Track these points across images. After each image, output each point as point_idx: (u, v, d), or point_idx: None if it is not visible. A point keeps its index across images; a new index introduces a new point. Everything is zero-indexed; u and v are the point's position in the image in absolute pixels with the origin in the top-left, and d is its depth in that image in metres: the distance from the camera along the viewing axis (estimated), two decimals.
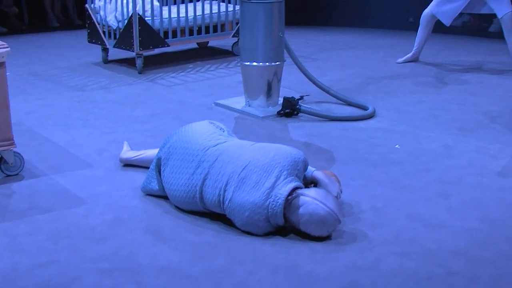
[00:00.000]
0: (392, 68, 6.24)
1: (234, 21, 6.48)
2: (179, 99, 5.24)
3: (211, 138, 3.25)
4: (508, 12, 5.91)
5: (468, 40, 7.54)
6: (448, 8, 6.12)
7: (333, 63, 6.47)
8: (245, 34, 4.78)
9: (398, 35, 7.78)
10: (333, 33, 8.00)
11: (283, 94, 4.91)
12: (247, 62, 4.80)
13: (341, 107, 5.01)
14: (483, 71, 6.14)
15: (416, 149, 4.15)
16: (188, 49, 6.98)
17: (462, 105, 5.09)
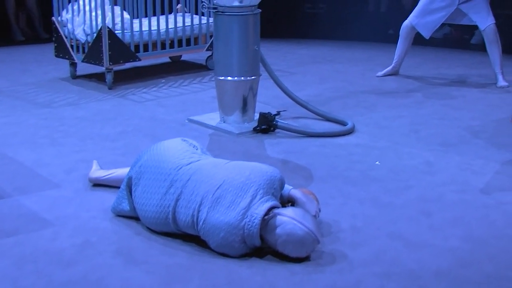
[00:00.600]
0: (372, 82, 6.29)
1: (208, 34, 6.51)
2: (151, 116, 5.23)
3: (184, 157, 3.26)
4: (490, 24, 6.00)
5: (449, 52, 7.64)
6: (428, 20, 6.21)
7: (311, 77, 6.51)
8: (219, 47, 4.80)
9: (377, 48, 7.86)
10: (311, 46, 8.06)
11: (259, 109, 4.93)
12: (221, 77, 4.81)
13: (319, 122, 5.04)
14: (465, 85, 6.22)
15: (396, 166, 4.19)
16: (160, 64, 6.99)
17: (443, 119, 5.15)
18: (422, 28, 6.24)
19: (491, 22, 6.01)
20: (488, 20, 6.02)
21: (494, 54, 6.06)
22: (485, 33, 6.05)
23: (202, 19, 6.51)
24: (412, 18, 6.29)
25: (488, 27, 6.01)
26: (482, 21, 6.04)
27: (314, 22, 8.66)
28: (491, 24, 6.01)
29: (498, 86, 6.04)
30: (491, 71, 6.21)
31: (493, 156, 4.34)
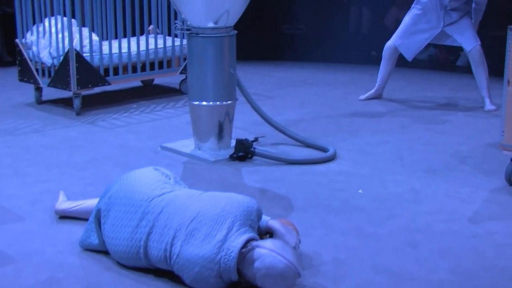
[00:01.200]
0: (354, 106, 6.34)
1: (182, 57, 6.53)
2: (122, 143, 5.22)
3: (156, 187, 3.25)
4: (476, 46, 6.09)
5: (435, 74, 7.73)
6: (411, 41, 6.29)
7: (290, 101, 6.54)
8: (194, 70, 4.81)
9: (359, 70, 7.92)
10: (290, 69, 8.11)
11: (236, 135, 4.94)
12: (196, 102, 4.82)
13: (299, 149, 5.06)
14: (451, 108, 6.29)
15: (380, 194, 4.21)
16: (131, 88, 6.99)
17: (429, 145, 5.19)
18: (404, 50, 6.32)
19: (476, 43, 6.10)
20: (474, 41, 6.11)
21: (481, 76, 6.14)
22: (471, 55, 6.13)
23: (175, 41, 6.53)
24: (395, 38, 6.36)
25: (474, 48, 6.09)
26: (467, 42, 6.13)
27: (293, 44, 8.72)
28: (476, 46, 6.10)
29: (486, 110, 6.11)
30: (478, 94, 6.28)
31: (481, 184, 4.38)
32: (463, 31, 6.15)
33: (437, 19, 6.19)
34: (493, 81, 6.22)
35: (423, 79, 7.48)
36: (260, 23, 8.57)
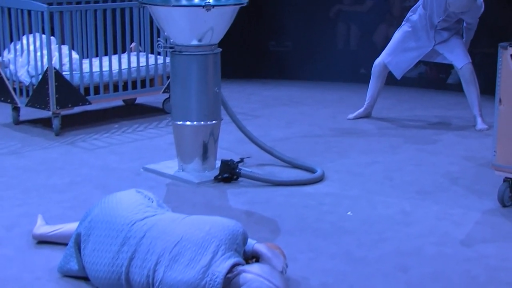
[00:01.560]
0: (343, 125, 6.36)
1: (165, 75, 6.53)
2: (103, 164, 5.21)
3: (138, 211, 3.24)
4: (467, 63, 6.14)
5: (425, 92, 7.77)
6: (401, 59, 6.33)
7: (277, 120, 6.56)
8: (177, 89, 4.82)
9: (348, 88, 7.96)
10: (276, 87, 8.13)
11: (221, 156, 4.94)
12: (179, 121, 4.82)
13: (286, 170, 5.06)
14: (442, 127, 6.32)
15: (370, 216, 4.21)
16: (113, 107, 6.98)
17: (420, 165, 5.21)
18: (394, 68, 6.36)
19: (467, 61, 6.15)
20: (465, 59, 6.16)
21: (472, 95, 6.18)
22: (462, 73, 6.18)
23: (158, 59, 6.54)
24: (384, 55, 6.40)
25: (465, 66, 6.14)
26: (458, 60, 6.18)
27: (279, 61, 8.74)
28: (467, 63, 6.15)
29: (477, 129, 6.15)
30: (469, 112, 6.32)
31: (473, 205, 4.39)
32: (454, 49, 6.20)
33: (427, 37, 6.24)
34: (485, 99, 6.27)
35: (413, 98, 7.52)
36: (245, 40, 8.60)
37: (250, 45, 8.75)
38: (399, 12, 8.30)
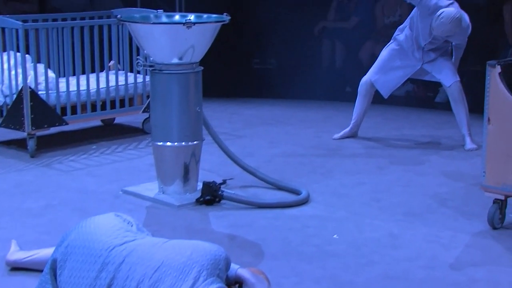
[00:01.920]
0: (328, 145, 6.38)
1: (144, 94, 6.54)
2: (80, 187, 5.19)
3: (117, 235, 3.23)
4: (455, 82, 6.18)
5: (412, 111, 7.81)
6: (388, 78, 6.36)
7: (260, 140, 6.57)
8: (157, 109, 4.82)
9: (333, 107, 7.99)
10: (259, 106, 8.15)
11: (203, 178, 4.94)
12: (159, 142, 4.82)
13: (270, 191, 5.07)
14: (431, 147, 6.36)
15: (357, 239, 4.22)
16: (90, 127, 6.97)
17: (408, 186, 5.23)
18: (381, 86, 6.40)
19: (455, 79, 6.20)
20: (453, 77, 6.20)
21: (461, 114, 6.22)
22: (450, 91, 6.22)
23: (138, 78, 6.55)
24: (371, 74, 6.44)
25: (453, 84, 6.19)
26: (446, 78, 6.23)
27: (263, 79, 8.77)
28: (455, 82, 6.19)
29: (467, 149, 6.18)
30: (458, 132, 6.36)
31: (463, 227, 4.41)
32: (442, 67, 6.24)
33: (415, 57, 6.28)
34: (474, 118, 6.31)
35: (400, 117, 7.56)
36: (227, 58, 8.62)
37: (232, 63, 8.78)
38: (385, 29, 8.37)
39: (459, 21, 5.94)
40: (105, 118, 6.80)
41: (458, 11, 5.99)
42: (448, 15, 5.91)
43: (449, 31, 5.99)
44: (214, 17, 4.81)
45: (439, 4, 6.00)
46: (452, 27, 5.95)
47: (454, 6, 6.04)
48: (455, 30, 6.00)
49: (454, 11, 5.94)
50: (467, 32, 6.15)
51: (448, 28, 5.95)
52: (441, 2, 6.02)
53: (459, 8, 6.09)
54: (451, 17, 5.90)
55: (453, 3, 6.09)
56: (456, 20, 5.92)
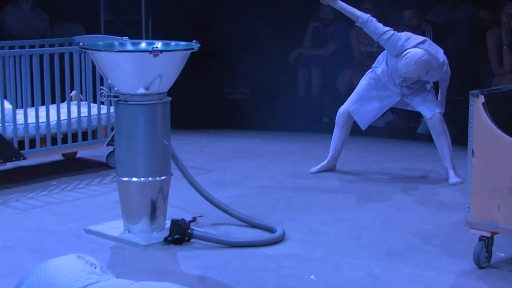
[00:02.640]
0: (304, 180, 6.40)
1: (109, 127, 6.53)
2: (39, 226, 5.16)
3: (80, 278, 3.21)
4: (436, 113, 6.24)
5: (393, 143, 7.86)
6: (367, 108, 6.40)
7: (233, 174, 6.58)
8: (122, 142, 4.82)
9: (310, 139, 8.02)
10: (232, 138, 8.17)
11: (171, 216, 4.93)
12: (125, 177, 4.82)
13: (243, 229, 5.07)
14: (413, 181, 6.39)
15: (335, 280, 4.23)
16: (50, 162, 6.94)
17: (389, 223, 5.26)
18: (359, 117, 6.44)
19: (436, 110, 6.25)
20: (434, 108, 6.26)
21: (443, 147, 6.26)
22: (431, 123, 6.27)
23: (102, 109, 6.54)
24: (349, 103, 6.48)
25: (434, 116, 6.24)
26: (426, 110, 6.28)
27: (235, 110, 8.80)
28: (436, 113, 6.24)
29: (450, 183, 6.22)
30: (441, 165, 6.40)
31: (447, 267, 4.44)
32: (422, 99, 6.29)
33: (393, 90, 6.33)
34: (458, 150, 6.37)
35: (380, 149, 7.60)
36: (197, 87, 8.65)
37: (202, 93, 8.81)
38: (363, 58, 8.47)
39: (424, 63, 5.96)
40: (66, 152, 6.78)
41: (426, 52, 6.00)
42: (412, 56, 5.97)
43: (414, 73, 6.03)
44: (182, 44, 4.84)
45: (404, 45, 6.05)
46: (417, 69, 5.99)
47: (424, 45, 6.07)
48: (420, 73, 6.03)
49: (420, 53, 5.98)
50: (441, 70, 6.17)
51: (412, 70, 6.00)
52: (407, 43, 6.07)
53: (432, 46, 6.13)
54: (415, 59, 5.95)
55: (425, 41, 6.12)
56: (421, 62, 5.95)
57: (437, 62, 6.12)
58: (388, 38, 6.12)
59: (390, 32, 6.13)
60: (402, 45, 6.07)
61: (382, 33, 6.13)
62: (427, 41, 6.18)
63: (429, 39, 6.41)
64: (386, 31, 6.13)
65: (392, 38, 6.12)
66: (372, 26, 6.15)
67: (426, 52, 6.01)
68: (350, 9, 6.19)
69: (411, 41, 6.10)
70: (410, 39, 6.11)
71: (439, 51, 6.14)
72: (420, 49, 6.01)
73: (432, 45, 6.16)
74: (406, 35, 6.14)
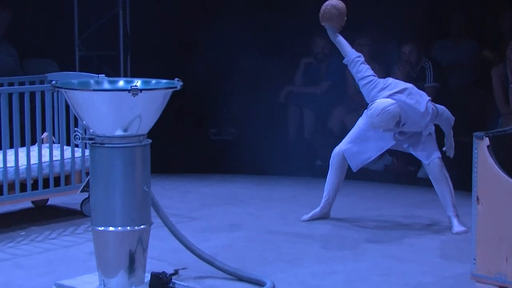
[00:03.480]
0: (296, 228, 6.39)
1: (83, 171, 6.52)
2: (5, 281, 5.12)
3: None
4: (435, 158, 6.22)
5: (392, 188, 7.87)
6: (361, 149, 6.39)
7: (218, 223, 6.57)
8: (98, 188, 4.80)
9: (301, 184, 8.02)
10: (217, 183, 8.16)
11: (151, 268, 4.91)
12: (100, 227, 4.79)
13: (230, 283, 5.04)
14: (413, 229, 6.39)
15: None
16: (19, 210, 6.91)
17: (387, 275, 5.25)
18: (350, 157, 6.42)
19: (435, 156, 6.23)
20: (432, 153, 6.23)
21: (444, 194, 6.24)
22: (429, 169, 6.26)
23: (76, 152, 6.53)
24: (344, 143, 6.48)
25: (432, 161, 6.22)
26: (424, 155, 6.27)
27: (221, 152, 8.80)
28: (435, 158, 6.22)
29: (454, 232, 6.21)
30: (443, 211, 6.40)
31: None
32: (419, 143, 6.27)
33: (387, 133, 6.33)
34: (462, 196, 6.38)
35: (378, 194, 7.60)
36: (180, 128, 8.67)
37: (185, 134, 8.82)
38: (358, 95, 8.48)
39: (388, 114, 5.93)
40: (36, 199, 6.74)
41: (397, 102, 5.99)
42: (376, 107, 5.98)
43: (379, 125, 6.04)
44: (164, 82, 4.85)
45: (377, 94, 6.11)
46: (382, 121, 5.99)
47: (401, 95, 6.06)
48: (387, 124, 6.01)
49: (385, 103, 5.97)
50: (423, 120, 6.12)
51: (376, 122, 6.00)
52: (381, 92, 6.11)
53: (412, 95, 6.10)
54: (378, 110, 5.96)
55: (404, 90, 6.11)
56: (385, 114, 5.94)
57: (416, 113, 6.09)
58: (365, 84, 6.20)
59: (369, 78, 6.18)
60: (374, 94, 6.14)
61: (362, 77, 6.21)
62: (408, 89, 6.15)
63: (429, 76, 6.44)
64: (367, 76, 6.19)
65: (368, 85, 6.18)
66: (356, 67, 6.23)
67: (397, 103, 5.99)
68: (344, 44, 6.25)
69: (387, 90, 6.12)
70: (387, 87, 6.14)
71: (421, 101, 6.11)
72: (388, 100, 6.01)
73: (413, 95, 6.13)
74: (385, 83, 6.17)
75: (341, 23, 6.23)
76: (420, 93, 6.21)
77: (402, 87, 6.15)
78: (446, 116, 6.25)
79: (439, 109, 6.20)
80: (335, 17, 6.19)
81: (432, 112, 6.13)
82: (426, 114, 6.12)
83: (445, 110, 6.25)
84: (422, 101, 6.14)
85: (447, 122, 6.28)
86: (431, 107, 6.14)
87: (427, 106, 6.12)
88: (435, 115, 6.17)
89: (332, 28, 6.24)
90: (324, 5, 6.23)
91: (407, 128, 6.18)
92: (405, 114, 6.05)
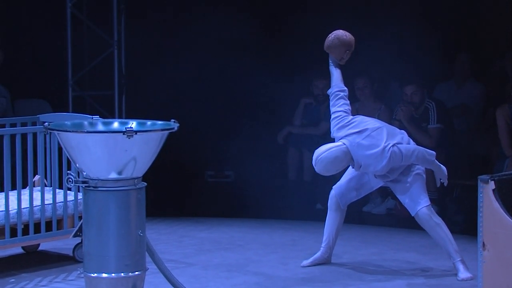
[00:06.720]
0: (296, 274, 6.36)
1: (76, 215, 6.50)
2: None
3: None
4: (421, 208, 6.13)
5: (396, 233, 7.83)
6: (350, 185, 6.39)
7: (215, 270, 6.53)
8: (91, 233, 4.80)
9: (301, 228, 7.99)
10: (214, 227, 8.13)
11: None
12: (93, 273, 4.78)
13: None
14: (417, 276, 6.35)
15: None
16: (9, 256, 6.88)
17: None
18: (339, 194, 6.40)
19: (420, 206, 6.14)
20: (418, 203, 6.13)
21: (442, 241, 6.14)
22: (418, 220, 6.17)
23: (68, 196, 6.52)
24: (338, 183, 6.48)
25: (418, 212, 6.14)
26: (409, 205, 6.19)
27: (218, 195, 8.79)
28: (421, 208, 6.12)
29: (460, 279, 6.13)
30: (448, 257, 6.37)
31: None
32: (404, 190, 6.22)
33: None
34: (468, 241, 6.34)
35: (380, 239, 7.57)
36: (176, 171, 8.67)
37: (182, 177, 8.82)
38: None
39: (326, 159, 5.98)
40: (27, 244, 6.71)
41: (342, 145, 6.03)
42: (315, 153, 6.07)
43: (320, 170, 6.06)
44: (159, 124, 4.86)
45: (333, 131, 6.21)
46: (322, 168, 6.04)
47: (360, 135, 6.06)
48: (327, 169, 6.04)
49: (324, 148, 6.03)
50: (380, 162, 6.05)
51: (318, 169, 6.07)
52: (340, 131, 6.15)
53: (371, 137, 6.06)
54: (314, 156, 6.05)
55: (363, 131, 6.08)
56: (321, 161, 5.99)
57: (370, 155, 6.04)
58: (333, 118, 6.25)
59: (338, 114, 6.21)
60: (334, 131, 6.21)
61: (333, 112, 6.25)
62: (367, 131, 6.10)
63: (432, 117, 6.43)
64: (337, 111, 6.22)
65: (335, 120, 6.22)
66: (333, 100, 6.29)
67: (343, 146, 6.04)
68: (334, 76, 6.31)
69: (347, 129, 6.13)
70: (349, 126, 6.14)
71: (378, 144, 6.04)
72: (331, 144, 6.08)
73: (372, 137, 6.08)
74: (350, 121, 6.16)
75: (341, 54, 6.24)
76: (382, 135, 6.10)
77: (362, 128, 6.11)
78: (417, 156, 6.12)
79: (404, 151, 6.08)
80: (335, 47, 6.22)
81: (391, 155, 6.02)
82: (382, 157, 6.04)
83: (414, 151, 6.12)
84: (380, 144, 6.05)
85: (423, 160, 6.16)
86: (392, 150, 6.03)
87: (385, 149, 6.04)
88: (399, 158, 6.07)
89: (332, 57, 6.28)
90: (331, 33, 6.27)
91: (364, 169, 6.17)
92: (357, 156, 6.06)
